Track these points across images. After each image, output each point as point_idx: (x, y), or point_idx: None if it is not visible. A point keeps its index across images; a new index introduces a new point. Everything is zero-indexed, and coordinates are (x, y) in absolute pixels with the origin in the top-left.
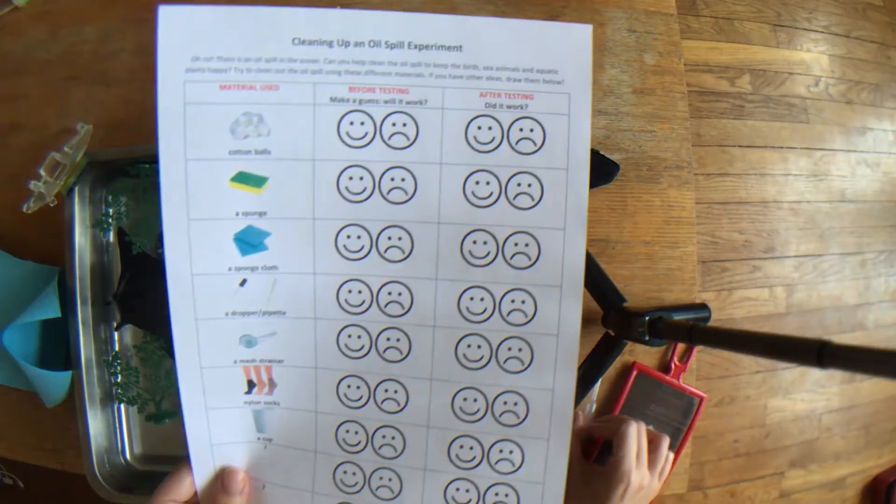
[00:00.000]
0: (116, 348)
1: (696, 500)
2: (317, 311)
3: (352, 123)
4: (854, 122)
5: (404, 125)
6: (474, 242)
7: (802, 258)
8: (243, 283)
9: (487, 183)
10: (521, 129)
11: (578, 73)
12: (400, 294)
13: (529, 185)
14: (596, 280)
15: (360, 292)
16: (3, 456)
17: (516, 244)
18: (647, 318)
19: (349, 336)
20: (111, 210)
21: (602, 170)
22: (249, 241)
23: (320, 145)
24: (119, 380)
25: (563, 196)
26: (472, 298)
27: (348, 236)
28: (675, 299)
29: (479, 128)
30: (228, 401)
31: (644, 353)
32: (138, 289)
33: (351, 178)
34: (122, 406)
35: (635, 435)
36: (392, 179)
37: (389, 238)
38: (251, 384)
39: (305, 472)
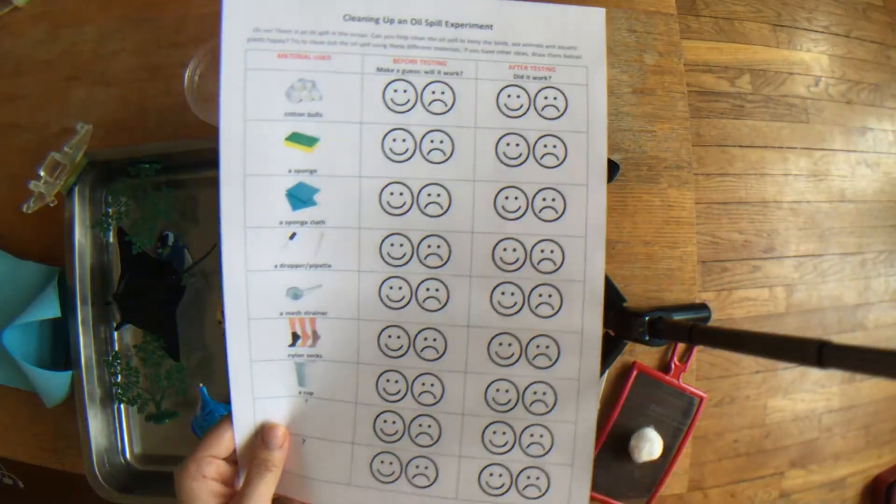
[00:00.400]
0: (116, 348)
1: (696, 500)
2: (361, 263)
3: (395, 91)
4: (854, 122)
5: (443, 93)
6: (506, 198)
7: (802, 258)
8: (293, 236)
9: (517, 144)
10: (545, 98)
11: (594, 50)
12: (439, 246)
13: (555, 147)
14: None
15: (401, 245)
16: (3, 456)
17: (544, 199)
18: (647, 318)
19: (391, 288)
20: (111, 210)
21: None
22: (300, 197)
23: (367, 110)
24: (119, 380)
25: (585, 156)
26: (505, 249)
27: (391, 193)
28: (675, 299)
29: (509, 96)
30: (273, 353)
31: (644, 353)
32: (138, 289)
33: (395, 140)
34: (122, 406)
35: None
36: (432, 141)
37: (429, 194)
38: (295, 336)
39: (346, 424)
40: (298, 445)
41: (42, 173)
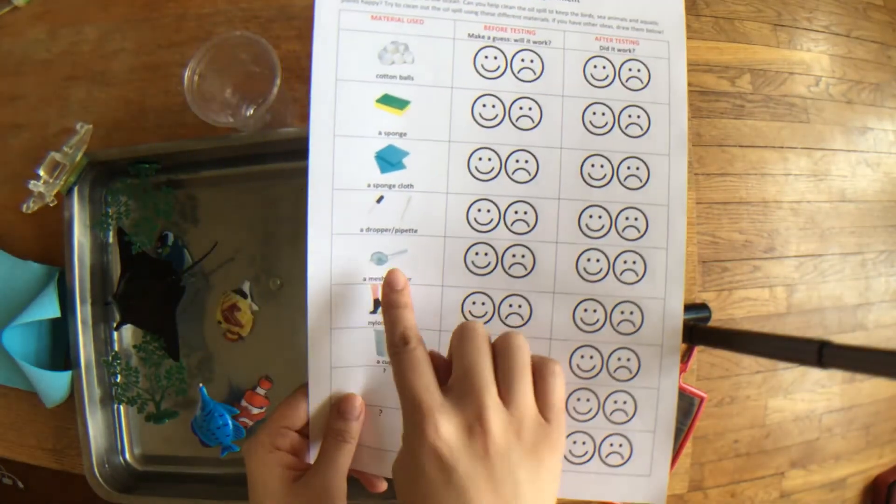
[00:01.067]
0: (116, 348)
1: (696, 500)
2: (447, 229)
3: (486, 57)
4: (854, 122)
5: (532, 61)
6: (592, 166)
7: (802, 258)
8: (380, 199)
9: (603, 114)
10: (629, 69)
11: (674, 25)
12: (526, 213)
13: (639, 117)
14: None
15: (488, 211)
16: (3, 456)
17: (629, 168)
18: None
19: (476, 253)
20: (111, 210)
21: None
22: (389, 160)
23: (458, 75)
24: (119, 380)
25: (667, 126)
26: (591, 216)
27: (480, 158)
28: None
29: (595, 66)
30: (353, 320)
31: None
32: (138, 289)
33: (484, 106)
34: (122, 406)
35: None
36: (521, 108)
37: (517, 161)
38: (377, 303)
39: None
40: (375, 417)
41: (42, 173)
